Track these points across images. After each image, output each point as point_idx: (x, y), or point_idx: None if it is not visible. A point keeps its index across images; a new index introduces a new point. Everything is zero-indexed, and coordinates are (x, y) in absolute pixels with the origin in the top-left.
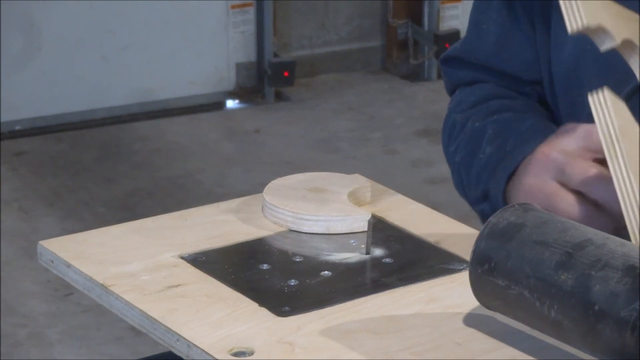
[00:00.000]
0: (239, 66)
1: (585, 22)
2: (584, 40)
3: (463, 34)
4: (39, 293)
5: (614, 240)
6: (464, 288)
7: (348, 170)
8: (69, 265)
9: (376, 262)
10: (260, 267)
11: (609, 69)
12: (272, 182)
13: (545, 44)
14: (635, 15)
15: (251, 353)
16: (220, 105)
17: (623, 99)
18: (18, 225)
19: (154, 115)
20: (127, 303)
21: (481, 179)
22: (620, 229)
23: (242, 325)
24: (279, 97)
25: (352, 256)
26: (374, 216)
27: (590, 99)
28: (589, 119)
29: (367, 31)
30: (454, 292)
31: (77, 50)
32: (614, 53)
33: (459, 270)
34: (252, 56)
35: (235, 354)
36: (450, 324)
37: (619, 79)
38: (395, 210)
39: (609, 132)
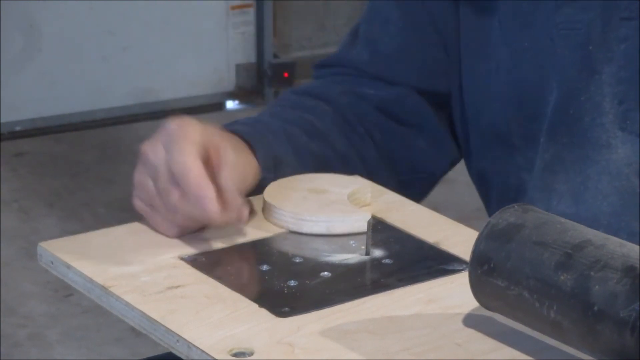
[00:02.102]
0: (238, 67)
1: None
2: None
3: None
4: (38, 294)
5: (614, 241)
6: (464, 289)
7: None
8: (68, 267)
9: (376, 263)
10: (260, 268)
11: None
12: (272, 182)
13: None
14: None
15: (251, 353)
16: (220, 106)
17: None
18: (18, 226)
19: (154, 116)
20: (127, 304)
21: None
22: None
23: (242, 326)
24: None
25: (352, 257)
26: (373, 217)
27: None
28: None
29: None
30: (454, 293)
31: (77, 51)
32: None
33: (459, 271)
34: (252, 57)
35: (235, 355)
36: (449, 325)
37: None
38: (395, 211)
39: None
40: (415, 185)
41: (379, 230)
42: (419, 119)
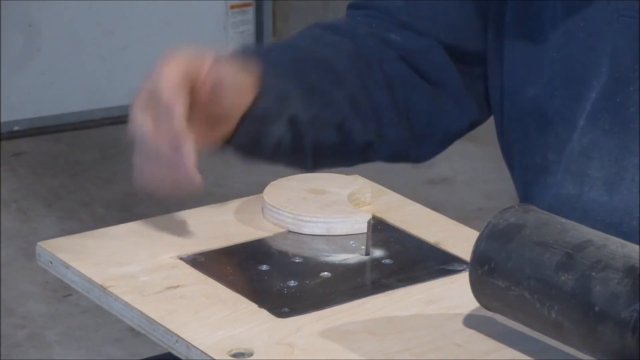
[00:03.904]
0: None
1: None
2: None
3: None
4: (37, 294)
5: (615, 241)
6: (464, 289)
7: (348, 171)
8: (67, 266)
9: (376, 263)
10: (260, 268)
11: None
12: (272, 182)
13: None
14: None
15: (250, 354)
16: None
17: None
18: (17, 226)
19: None
20: (126, 304)
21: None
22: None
23: (242, 327)
24: None
25: (352, 257)
26: (373, 217)
27: None
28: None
29: None
30: (454, 293)
31: (76, 51)
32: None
33: (459, 271)
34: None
35: (235, 355)
36: (450, 325)
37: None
38: (395, 211)
39: None
40: (429, 141)
41: (379, 230)
42: (441, 75)
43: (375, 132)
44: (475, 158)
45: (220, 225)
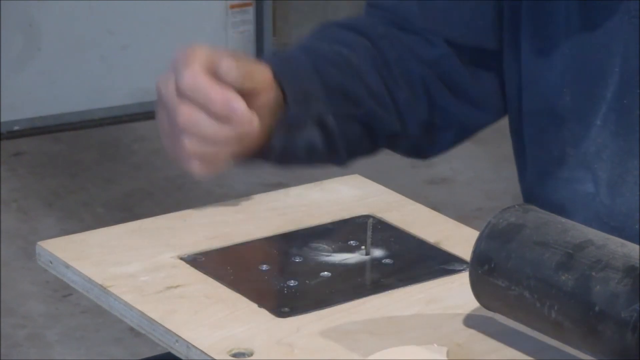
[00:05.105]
0: None
1: None
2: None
3: None
4: (37, 294)
5: (615, 241)
6: (464, 289)
7: (348, 171)
8: (67, 266)
9: (376, 262)
10: (260, 267)
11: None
12: None
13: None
14: None
15: (250, 354)
16: None
17: None
18: (17, 226)
19: (153, 116)
20: (126, 304)
21: None
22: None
23: (242, 326)
24: None
25: (352, 257)
26: (373, 217)
27: None
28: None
29: None
30: (454, 293)
31: (76, 51)
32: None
33: (459, 271)
34: (251, 56)
35: (235, 355)
36: (450, 325)
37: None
38: (395, 210)
39: None
40: (443, 136)
41: (379, 230)
42: (453, 83)
43: (398, 124)
44: (475, 158)
45: (220, 224)
